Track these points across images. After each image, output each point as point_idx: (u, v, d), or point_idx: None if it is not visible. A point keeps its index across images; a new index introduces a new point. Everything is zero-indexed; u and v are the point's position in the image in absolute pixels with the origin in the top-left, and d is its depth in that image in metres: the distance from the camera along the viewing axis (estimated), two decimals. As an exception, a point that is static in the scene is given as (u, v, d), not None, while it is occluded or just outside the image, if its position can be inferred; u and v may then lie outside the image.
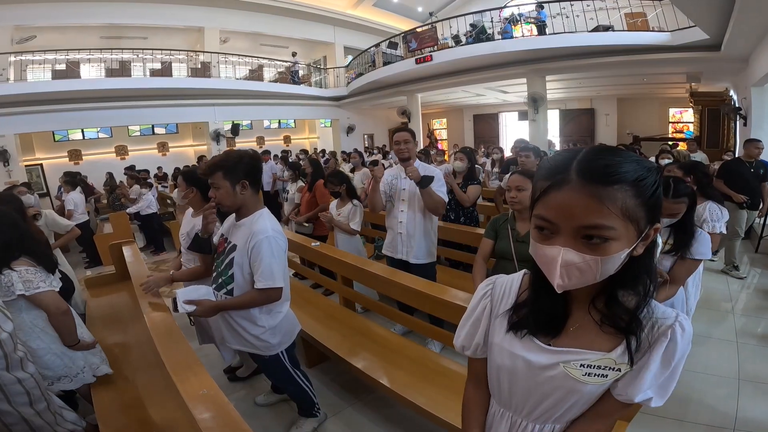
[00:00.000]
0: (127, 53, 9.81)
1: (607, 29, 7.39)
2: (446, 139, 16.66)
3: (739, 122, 6.99)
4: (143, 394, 1.90)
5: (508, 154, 6.09)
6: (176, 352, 1.57)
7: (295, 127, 15.40)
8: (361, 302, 2.84)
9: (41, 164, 10.46)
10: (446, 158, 7.51)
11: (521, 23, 8.48)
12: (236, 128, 11.62)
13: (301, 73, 12.95)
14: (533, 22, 8.27)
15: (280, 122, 14.79)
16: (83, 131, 10.98)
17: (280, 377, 1.98)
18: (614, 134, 12.11)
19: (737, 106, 7.09)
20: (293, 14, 12.31)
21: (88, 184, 7.56)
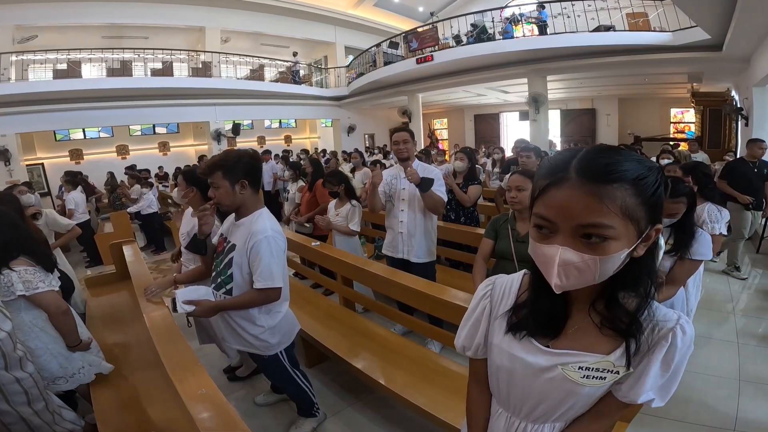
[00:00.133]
0: (128, 53, 9.83)
1: (608, 29, 7.38)
2: (447, 139, 16.65)
3: (740, 122, 6.98)
4: (142, 393, 1.90)
5: (508, 154, 6.07)
6: (175, 352, 1.57)
7: (296, 126, 15.42)
8: (361, 302, 2.84)
9: (42, 164, 10.48)
10: (447, 158, 7.51)
11: (522, 23, 8.47)
12: (237, 128, 11.64)
13: (302, 72, 12.95)
14: (534, 22, 8.26)
15: (281, 122, 14.81)
16: (84, 131, 11.02)
17: (279, 377, 1.98)
18: (615, 134, 12.10)
19: (739, 106, 7.07)
20: (294, 14, 12.33)
21: (89, 183, 7.57)
